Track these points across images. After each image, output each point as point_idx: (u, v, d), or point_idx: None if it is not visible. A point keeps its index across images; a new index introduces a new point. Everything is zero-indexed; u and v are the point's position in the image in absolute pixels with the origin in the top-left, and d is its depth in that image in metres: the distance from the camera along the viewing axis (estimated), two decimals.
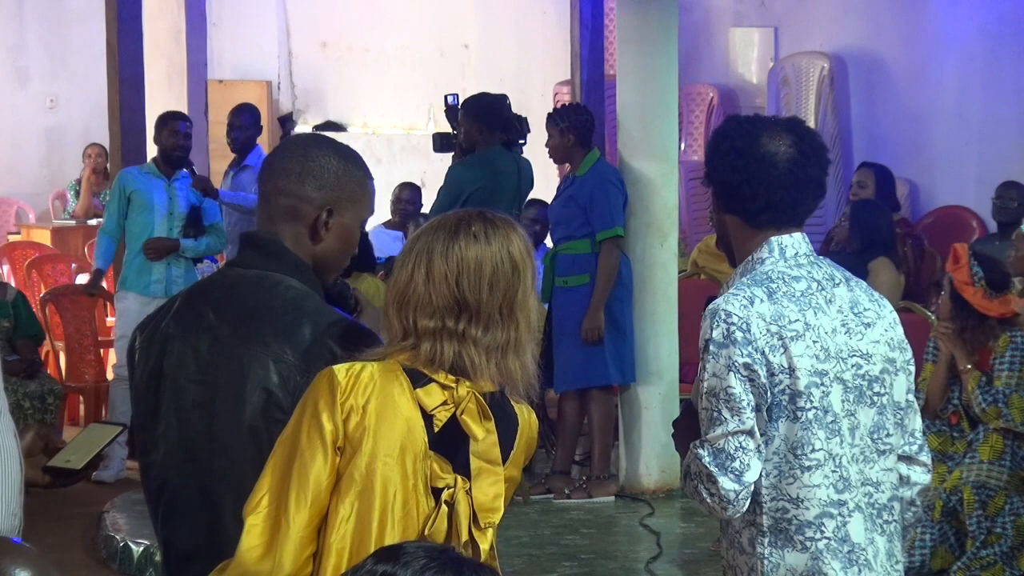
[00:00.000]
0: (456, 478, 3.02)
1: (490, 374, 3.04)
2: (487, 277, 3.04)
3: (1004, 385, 7.24)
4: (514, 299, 3.06)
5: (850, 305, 3.54)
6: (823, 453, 3.45)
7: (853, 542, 3.48)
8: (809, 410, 3.44)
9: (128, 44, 10.56)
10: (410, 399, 3.01)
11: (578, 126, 9.18)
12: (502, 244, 3.09)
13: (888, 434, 3.54)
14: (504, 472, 3.09)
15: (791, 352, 3.43)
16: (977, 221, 12.19)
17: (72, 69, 15.83)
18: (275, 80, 16.51)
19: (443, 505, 3.00)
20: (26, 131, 15.89)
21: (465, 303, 3.02)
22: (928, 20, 12.84)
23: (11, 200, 15.75)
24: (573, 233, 9.12)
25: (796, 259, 3.55)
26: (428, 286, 3.02)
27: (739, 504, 3.44)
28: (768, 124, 3.65)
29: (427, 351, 3.02)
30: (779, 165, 3.56)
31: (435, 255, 3.04)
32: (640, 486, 9.13)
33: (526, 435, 3.15)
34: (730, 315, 3.44)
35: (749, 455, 3.42)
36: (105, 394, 10.35)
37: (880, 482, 3.53)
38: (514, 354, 3.06)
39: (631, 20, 9.20)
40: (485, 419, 3.03)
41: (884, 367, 3.54)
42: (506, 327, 3.05)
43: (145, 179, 9.91)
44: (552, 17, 14.72)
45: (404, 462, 2.99)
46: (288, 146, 3.55)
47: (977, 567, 7.08)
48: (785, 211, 3.58)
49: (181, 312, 3.42)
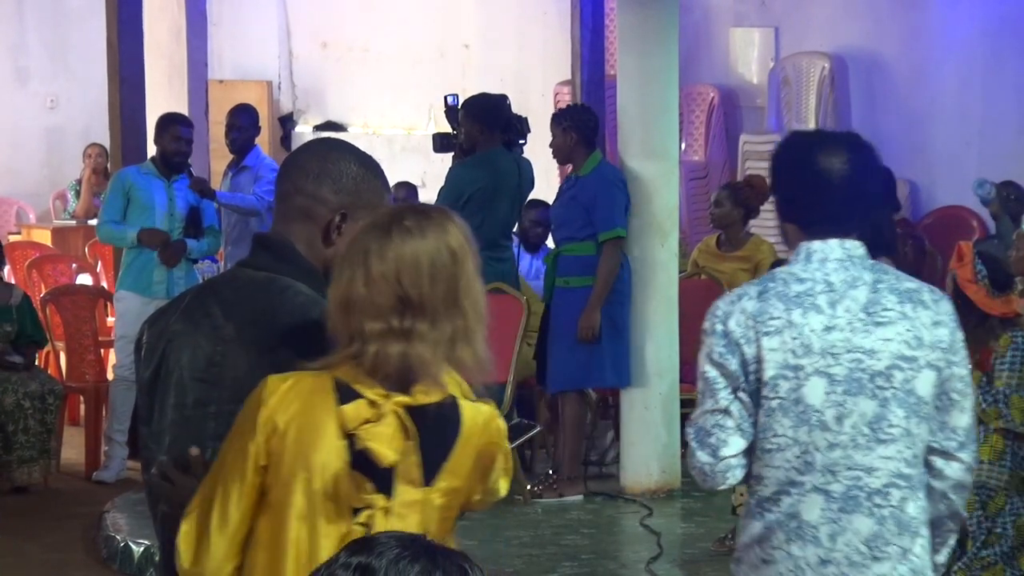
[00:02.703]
0: (376, 498, 2.99)
1: (440, 369, 3.01)
2: (427, 270, 3.01)
3: (1004, 385, 7.23)
4: (457, 288, 3.03)
5: (864, 306, 3.79)
6: (784, 439, 3.77)
7: (803, 519, 3.77)
8: (773, 399, 3.76)
9: (128, 44, 10.56)
10: (333, 417, 2.98)
11: (581, 127, 9.19)
12: (438, 235, 3.05)
13: (892, 425, 3.77)
14: (442, 486, 3.04)
15: (763, 345, 3.76)
16: (977, 221, 12.20)
17: (72, 69, 15.83)
18: (275, 80, 16.51)
19: (358, 527, 2.98)
20: (26, 131, 15.90)
21: (408, 300, 2.99)
22: (929, 20, 12.84)
23: (11, 200, 15.75)
24: (576, 234, 9.12)
25: (822, 263, 3.82)
26: (369, 288, 2.99)
27: (716, 477, 3.81)
28: (827, 140, 3.94)
29: (373, 355, 2.98)
30: (833, 181, 3.84)
31: (371, 256, 3.00)
32: (640, 486, 9.13)
33: (474, 441, 3.08)
34: (717, 309, 3.83)
35: (727, 432, 3.78)
36: (105, 394, 10.35)
37: (875, 468, 3.77)
38: (464, 343, 3.03)
39: (631, 20, 9.20)
40: (408, 438, 2.99)
41: (894, 363, 3.77)
42: (453, 317, 3.02)
43: (145, 179, 9.90)
44: (552, 17, 14.71)
45: (320, 483, 2.97)
46: (310, 147, 3.55)
47: (977, 567, 7.08)
48: (838, 222, 3.86)
49: (190, 309, 3.42)
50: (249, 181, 10.42)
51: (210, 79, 15.23)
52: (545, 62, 14.88)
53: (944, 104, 12.64)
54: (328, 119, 16.36)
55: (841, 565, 3.78)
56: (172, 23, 14.93)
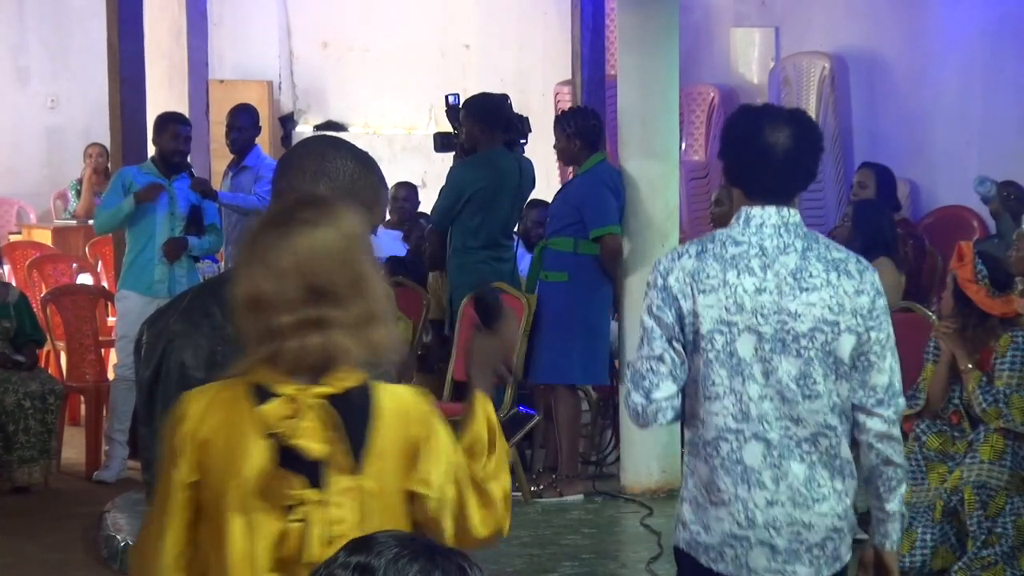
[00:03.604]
0: (308, 493, 2.99)
1: (359, 354, 3.02)
2: (330, 257, 3.01)
3: (1005, 385, 7.24)
4: (360, 272, 3.04)
5: (792, 271, 4.15)
6: (722, 388, 4.13)
7: (746, 464, 4.14)
8: (711, 351, 4.13)
9: (129, 44, 10.56)
10: (254, 420, 2.99)
11: (585, 131, 9.22)
12: (334, 223, 3.05)
13: (815, 382, 4.13)
14: (372, 471, 3.02)
15: (698, 302, 4.12)
16: (978, 221, 12.19)
17: (73, 69, 15.82)
18: (276, 80, 16.50)
19: (292, 524, 2.98)
20: (27, 131, 15.89)
21: (316, 289, 3.00)
22: (929, 20, 12.84)
23: (12, 200, 15.75)
24: (560, 230, 9.18)
25: (759, 228, 4.17)
26: (276, 284, 3.00)
27: (648, 416, 4.17)
28: (772, 115, 4.27)
29: (293, 349, 2.99)
30: (777, 155, 4.18)
31: (272, 252, 3.01)
32: (640, 486, 9.13)
33: (395, 423, 3.06)
34: (660, 264, 4.22)
35: (659, 377, 4.14)
36: (106, 394, 10.35)
37: (803, 419, 4.14)
38: (374, 325, 3.05)
39: (632, 20, 9.20)
40: (332, 428, 2.99)
41: (816, 326, 4.13)
42: (362, 300, 3.03)
43: (146, 179, 9.89)
44: (553, 17, 14.71)
45: (251, 487, 2.98)
46: (307, 145, 3.55)
47: (978, 567, 7.08)
48: (778, 192, 4.21)
49: (189, 309, 3.42)
50: (250, 181, 10.42)
51: (210, 79, 15.24)
52: (545, 62, 14.88)
53: (944, 104, 12.64)
54: (329, 119, 16.36)
55: (786, 506, 4.16)
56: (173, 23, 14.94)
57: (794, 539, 4.18)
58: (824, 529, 4.20)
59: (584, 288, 9.10)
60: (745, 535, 4.16)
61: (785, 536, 4.17)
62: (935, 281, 10.89)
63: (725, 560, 4.18)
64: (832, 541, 4.23)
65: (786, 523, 4.16)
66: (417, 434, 3.08)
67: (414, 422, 3.09)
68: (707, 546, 4.20)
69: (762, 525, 4.15)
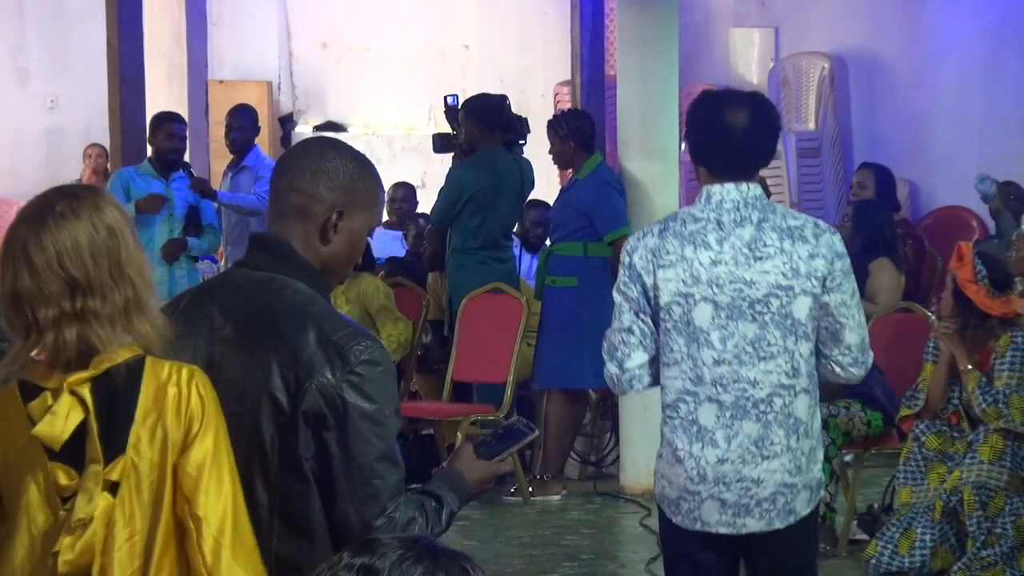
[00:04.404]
0: (78, 482, 3.00)
1: (122, 341, 3.03)
2: (86, 250, 3.02)
3: (1004, 386, 7.23)
4: (120, 261, 3.04)
5: (747, 242, 4.44)
6: (680, 354, 4.46)
7: (701, 424, 4.46)
8: (669, 321, 4.46)
9: (128, 44, 10.56)
10: (23, 417, 3.02)
11: (577, 132, 9.22)
12: (91, 214, 3.05)
13: (770, 344, 4.42)
14: (142, 448, 3.01)
15: (658, 276, 4.45)
16: (977, 221, 12.20)
17: (72, 69, 15.82)
18: (275, 80, 16.50)
19: (63, 512, 2.99)
20: (26, 131, 15.89)
21: (75, 282, 3.01)
22: (929, 21, 12.85)
23: (11, 200, 15.73)
24: (567, 236, 9.17)
25: (719, 204, 4.47)
26: (34, 279, 3.01)
27: (623, 383, 4.56)
28: (731, 99, 4.57)
29: (51, 342, 3.01)
30: (736, 133, 4.47)
31: (30, 247, 3.02)
32: (640, 486, 9.13)
33: (163, 401, 3.03)
34: (627, 244, 4.57)
35: (630, 348, 4.51)
36: None
37: (759, 381, 4.44)
38: (137, 313, 3.05)
39: (631, 21, 9.21)
40: (85, 411, 3.00)
41: (771, 292, 4.42)
42: (122, 289, 3.04)
43: (144, 180, 9.91)
44: (552, 17, 14.71)
45: (32, 486, 3.01)
46: (305, 145, 3.55)
47: (977, 567, 7.07)
48: (739, 169, 4.48)
49: (187, 310, 3.41)
50: (249, 181, 10.43)
51: (210, 79, 15.24)
52: (545, 62, 14.88)
53: (944, 104, 12.65)
54: (328, 119, 16.36)
55: (735, 463, 4.45)
56: (172, 23, 14.94)
57: (743, 494, 4.46)
58: (773, 484, 4.46)
59: (595, 291, 9.07)
60: (697, 490, 4.47)
61: (735, 491, 4.46)
62: (935, 281, 10.90)
63: (681, 513, 4.52)
64: (783, 496, 4.47)
65: (735, 479, 4.45)
66: (188, 408, 3.05)
67: (183, 394, 3.06)
68: (669, 500, 4.55)
69: (712, 481, 4.46)
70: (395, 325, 9.43)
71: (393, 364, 3.34)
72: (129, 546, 2.99)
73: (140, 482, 3.01)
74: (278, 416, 3.21)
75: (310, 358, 3.22)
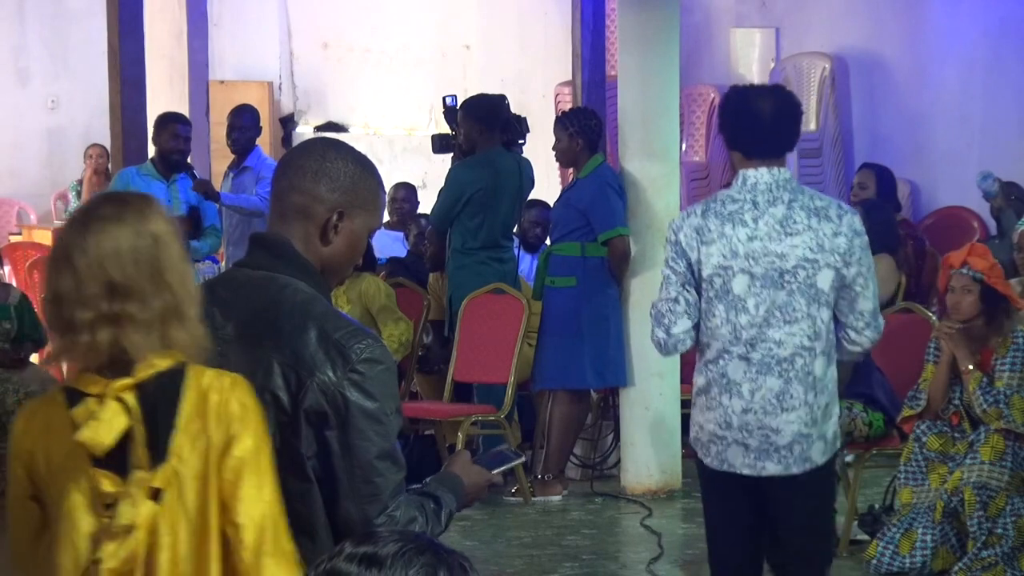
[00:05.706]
0: (121, 490, 3.00)
1: (155, 348, 3.02)
2: (128, 255, 3.03)
3: (1005, 386, 7.23)
4: (161, 267, 3.05)
5: (780, 220, 5.05)
6: (720, 319, 5.07)
7: (730, 378, 5.07)
8: (711, 291, 5.08)
9: (129, 44, 10.55)
10: (68, 422, 3.02)
11: (586, 131, 9.22)
12: (136, 220, 3.06)
13: (795, 310, 5.03)
14: (183, 455, 3.01)
15: (702, 252, 5.07)
16: (978, 222, 12.20)
17: (73, 69, 15.82)
18: (276, 81, 16.51)
19: (106, 519, 2.99)
20: (27, 132, 15.90)
21: (115, 285, 3.01)
22: (930, 21, 12.85)
23: (12, 201, 15.76)
24: (566, 235, 9.17)
25: (754, 187, 5.07)
26: (75, 280, 3.02)
27: (669, 347, 5.15)
28: (758, 90, 5.33)
29: (84, 344, 3.01)
30: (766, 118, 5.09)
31: (74, 251, 3.03)
32: (641, 486, 9.13)
33: (205, 408, 3.03)
34: (673, 223, 5.18)
35: (676, 315, 5.10)
36: None
37: (783, 342, 5.05)
38: (176, 321, 3.04)
39: (632, 21, 9.20)
40: (130, 418, 3.00)
41: (799, 264, 5.04)
42: (160, 295, 3.04)
43: (145, 181, 9.90)
44: (553, 18, 14.71)
45: (75, 492, 3.01)
46: (307, 146, 3.55)
47: (978, 568, 7.08)
48: (769, 150, 5.10)
49: None
50: (251, 182, 10.43)
51: (211, 80, 15.23)
52: (546, 63, 14.88)
53: (945, 104, 12.65)
54: (329, 120, 16.36)
55: (758, 413, 5.06)
56: (173, 24, 14.93)
57: (764, 441, 5.06)
58: (791, 434, 5.05)
59: (593, 291, 9.09)
60: (724, 435, 5.10)
61: (756, 438, 5.07)
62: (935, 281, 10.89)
63: (711, 455, 5.15)
64: (799, 445, 5.06)
65: (756, 427, 5.06)
66: (228, 415, 3.04)
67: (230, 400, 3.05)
68: (701, 443, 5.17)
69: (737, 428, 5.08)
70: (396, 325, 9.43)
71: (394, 363, 3.33)
72: (172, 554, 2.98)
73: (183, 490, 3.00)
74: (280, 415, 3.21)
75: (311, 357, 3.22)
